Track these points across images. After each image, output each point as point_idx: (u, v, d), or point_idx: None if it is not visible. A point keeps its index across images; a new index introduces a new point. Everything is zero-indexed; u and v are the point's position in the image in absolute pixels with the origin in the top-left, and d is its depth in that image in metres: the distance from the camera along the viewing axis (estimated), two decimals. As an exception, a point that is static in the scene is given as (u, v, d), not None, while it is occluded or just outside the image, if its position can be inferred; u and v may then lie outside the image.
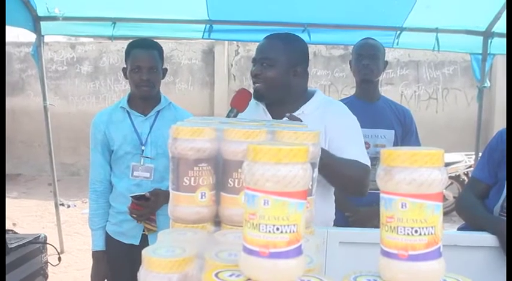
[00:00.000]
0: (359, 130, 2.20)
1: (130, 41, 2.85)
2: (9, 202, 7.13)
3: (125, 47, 2.79)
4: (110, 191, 2.87)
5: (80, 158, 10.12)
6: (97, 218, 2.87)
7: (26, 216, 7.50)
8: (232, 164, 1.17)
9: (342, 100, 3.16)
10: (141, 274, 0.98)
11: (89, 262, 5.59)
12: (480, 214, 2.30)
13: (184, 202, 1.20)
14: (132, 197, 2.62)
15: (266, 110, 2.20)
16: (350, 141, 2.11)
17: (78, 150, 10.18)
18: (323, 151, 1.82)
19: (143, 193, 2.63)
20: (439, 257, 0.89)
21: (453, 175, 7.02)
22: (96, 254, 2.88)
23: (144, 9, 4.41)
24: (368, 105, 3.15)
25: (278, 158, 0.84)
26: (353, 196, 2.23)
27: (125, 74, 2.79)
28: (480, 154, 2.55)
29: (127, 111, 2.81)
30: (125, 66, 2.78)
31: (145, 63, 2.68)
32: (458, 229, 2.51)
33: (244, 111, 2.05)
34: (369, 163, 2.07)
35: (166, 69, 2.86)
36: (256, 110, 2.19)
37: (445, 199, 7.03)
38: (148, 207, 2.63)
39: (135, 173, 2.75)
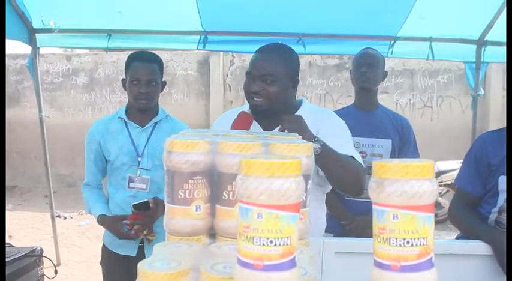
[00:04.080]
0: (350, 135, 2.22)
1: (131, 52, 2.86)
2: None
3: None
4: (102, 189, 2.91)
5: (76, 169, 10.09)
6: (94, 199, 2.85)
7: (22, 228, 7.48)
8: (226, 177, 1.18)
9: (340, 109, 3.19)
10: (137, 287, 0.99)
11: (85, 274, 5.58)
12: (472, 224, 2.31)
13: (179, 215, 1.21)
14: (133, 205, 2.61)
15: (255, 122, 2.16)
16: (342, 145, 2.12)
17: (74, 161, 10.15)
18: (319, 140, 1.85)
19: (145, 200, 2.62)
20: (431, 267, 0.90)
21: (449, 182, 7.02)
22: (101, 218, 2.77)
23: (139, 21, 4.43)
24: (366, 115, 3.16)
25: (271, 171, 0.85)
26: (350, 194, 2.17)
27: (124, 86, 2.80)
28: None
29: (124, 122, 2.82)
30: (124, 77, 2.79)
31: (144, 76, 2.68)
32: (457, 238, 2.52)
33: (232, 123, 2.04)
34: (362, 162, 2.09)
35: (165, 82, 2.87)
36: None
37: (441, 206, 7.04)
38: (149, 216, 2.62)
39: (131, 185, 2.75)
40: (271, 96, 2.08)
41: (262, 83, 2.08)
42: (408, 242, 0.88)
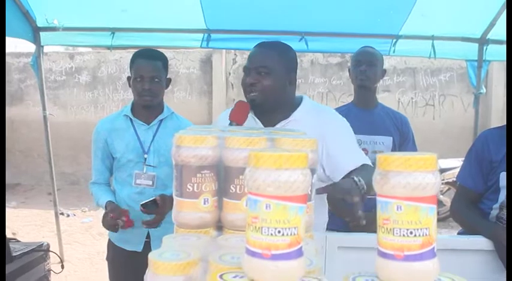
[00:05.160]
0: (352, 133, 2.24)
1: (134, 51, 2.89)
2: (8, 212, 7.14)
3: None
4: (110, 186, 2.93)
5: (79, 167, 10.14)
6: (102, 193, 2.86)
7: (25, 225, 7.51)
8: (233, 171, 1.21)
9: (340, 107, 3.22)
10: (148, 277, 1.02)
11: (89, 271, 5.60)
12: (474, 220, 2.33)
13: (187, 208, 1.24)
14: (142, 205, 2.63)
15: (256, 118, 2.18)
16: (346, 145, 2.15)
17: (77, 159, 10.20)
18: (360, 186, 1.83)
19: (153, 198, 2.64)
20: (433, 257, 0.93)
21: (450, 180, 7.04)
22: (108, 205, 2.76)
23: (143, 19, 4.45)
24: (366, 112, 3.19)
25: (279, 164, 0.88)
26: None
27: (129, 83, 2.84)
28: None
29: (130, 119, 2.85)
30: (130, 75, 2.83)
31: (147, 73, 2.71)
32: (459, 234, 2.55)
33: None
34: (367, 160, 2.11)
35: (170, 80, 2.90)
36: None
37: (442, 204, 7.05)
38: (158, 213, 2.64)
39: (137, 181, 2.78)
40: (265, 89, 2.10)
41: (257, 76, 2.11)
42: (411, 233, 0.91)
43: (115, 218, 2.64)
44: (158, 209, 2.61)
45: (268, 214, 0.88)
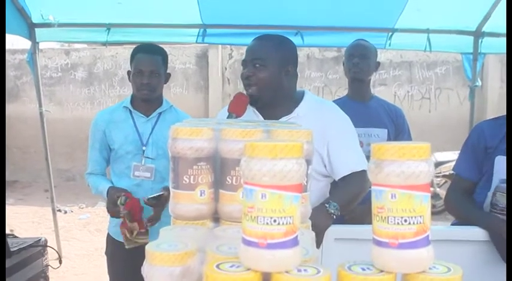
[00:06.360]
0: (354, 131, 2.26)
1: (130, 46, 2.90)
2: (6, 209, 7.13)
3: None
4: (106, 176, 2.93)
5: (75, 163, 10.12)
6: (100, 181, 2.86)
7: (23, 222, 7.51)
8: (229, 163, 1.22)
9: (334, 101, 3.22)
10: (145, 268, 1.03)
11: (87, 267, 5.60)
12: (469, 210, 2.34)
13: (184, 200, 1.25)
14: (148, 199, 2.62)
15: (257, 112, 2.19)
16: (347, 146, 2.17)
17: (73, 156, 10.19)
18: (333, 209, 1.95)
19: (160, 193, 2.63)
20: (427, 245, 0.94)
21: (447, 173, 7.06)
22: (109, 190, 2.78)
23: (138, 14, 4.44)
24: (361, 105, 3.20)
25: (274, 153, 0.89)
26: None
27: (129, 78, 2.85)
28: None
29: (130, 111, 2.86)
30: (130, 70, 2.85)
31: (146, 67, 2.74)
32: (452, 225, 2.55)
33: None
34: (365, 165, 2.11)
35: (169, 75, 2.92)
36: (247, 112, 2.18)
37: (439, 197, 7.06)
38: (158, 206, 2.64)
39: (136, 173, 2.79)
40: (261, 82, 2.11)
41: (253, 68, 2.12)
42: (406, 221, 0.92)
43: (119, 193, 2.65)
44: (159, 202, 2.62)
45: (263, 203, 0.89)
